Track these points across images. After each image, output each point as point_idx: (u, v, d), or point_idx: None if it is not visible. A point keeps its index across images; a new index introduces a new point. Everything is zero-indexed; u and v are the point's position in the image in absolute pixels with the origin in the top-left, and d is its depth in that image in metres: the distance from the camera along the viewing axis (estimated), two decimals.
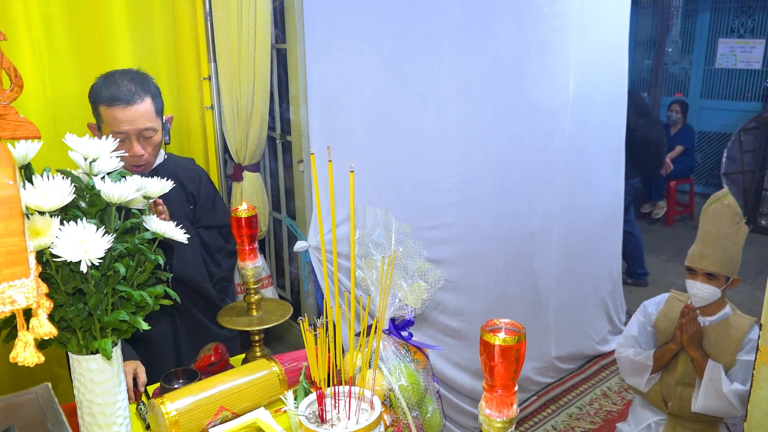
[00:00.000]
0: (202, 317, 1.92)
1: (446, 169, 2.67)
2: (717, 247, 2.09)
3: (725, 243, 2.09)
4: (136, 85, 1.71)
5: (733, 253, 2.10)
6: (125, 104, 1.67)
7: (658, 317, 2.31)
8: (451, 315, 2.81)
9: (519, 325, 0.98)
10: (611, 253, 3.72)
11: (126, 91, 1.68)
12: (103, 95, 1.69)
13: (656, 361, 2.23)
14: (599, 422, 3.14)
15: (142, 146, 1.73)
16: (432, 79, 2.54)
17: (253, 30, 2.31)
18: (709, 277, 2.12)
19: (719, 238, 2.09)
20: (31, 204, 0.96)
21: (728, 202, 2.11)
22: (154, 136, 1.76)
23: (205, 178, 1.97)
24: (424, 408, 1.36)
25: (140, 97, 1.70)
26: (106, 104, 1.68)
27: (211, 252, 1.88)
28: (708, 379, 2.09)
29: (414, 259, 1.37)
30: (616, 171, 3.61)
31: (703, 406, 2.10)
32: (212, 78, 2.43)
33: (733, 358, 2.11)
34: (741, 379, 2.07)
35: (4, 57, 0.70)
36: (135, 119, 1.69)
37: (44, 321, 0.73)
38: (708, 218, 2.14)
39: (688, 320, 2.15)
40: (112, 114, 1.68)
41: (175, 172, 1.88)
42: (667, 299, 2.34)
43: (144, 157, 1.75)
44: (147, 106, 1.71)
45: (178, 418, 1.29)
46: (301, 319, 1.09)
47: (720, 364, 2.10)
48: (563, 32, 2.98)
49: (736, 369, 2.11)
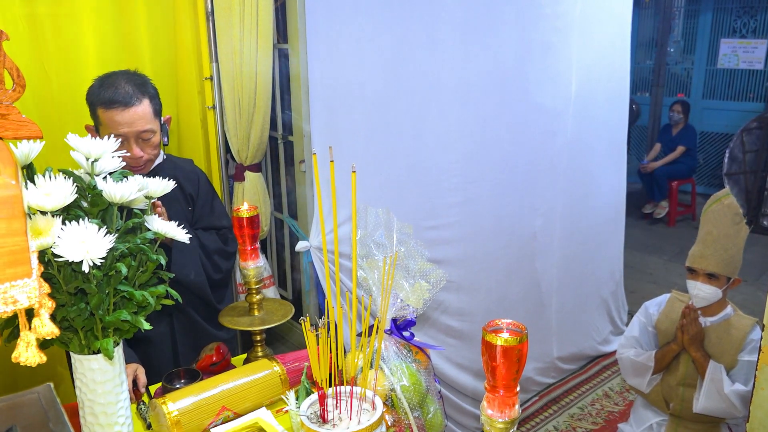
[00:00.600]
0: (199, 318, 1.91)
1: (448, 170, 2.67)
2: (718, 248, 2.09)
3: (726, 243, 2.09)
4: (134, 87, 1.69)
5: (734, 253, 2.09)
6: (123, 107, 1.65)
7: (660, 318, 2.30)
8: (452, 315, 2.81)
9: (521, 325, 0.98)
10: (613, 253, 3.71)
11: (124, 93, 1.66)
12: (100, 97, 1.67)
13: (657, 361, 2.23)
14: (601, 423, 3.14)
15: (141, 148, 1.72)
16: (434, 79, 2.54)
17: (255, 30, 2.31)
18: (710, 278, 2.11)
19: (720, 238, 2.09)
20: (33, 204, 0.96)
21: (729, 202, 2.11)
22: (153, 138, 1.75)
23: (203, 180, 1.96)
24: (426, 408, 1.36)
25: (138, 99, 1.68)
26: (104, 107, 1.66)
27: (209, 253, 1.88)
28: (709, 379, 2.09)
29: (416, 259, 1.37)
30: (617, 171, 3.61)
31: (705, 406, 2.10)
32: (214, 78, 2.43)
33: (734, 358, 2.11)
34: (743, 380, 2.07)
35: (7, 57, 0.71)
36: (133, 121, 1.67)
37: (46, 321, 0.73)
38: (708, 218, 2.13)
39: (689, 321, 2.14)
40: (110, 116, 1.66)
41: (173, 173, 1.87)
42: (668, 300, 2.33)
43: (143, 158, 1.74)
44: (145, 108, 1.70)
45: (180, 418, 1.29)
46: (303, 319, 1.09)
47: (721, 365, 2.10)
48: (565, 32, 2.98)
49: (738, 369, 2.10)
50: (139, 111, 1.68)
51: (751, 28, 6.69)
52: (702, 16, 7.08)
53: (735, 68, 6.81)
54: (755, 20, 6.65)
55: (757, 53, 6.64)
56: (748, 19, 6.71)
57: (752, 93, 6.77)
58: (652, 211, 6.30)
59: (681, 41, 7.35)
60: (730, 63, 6.84)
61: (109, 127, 1.67)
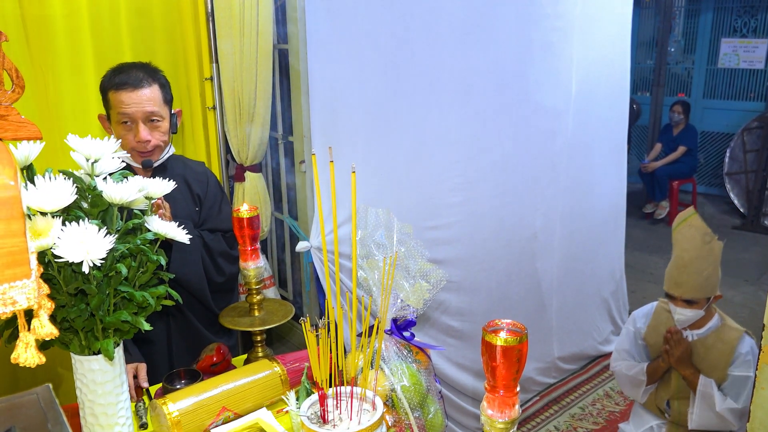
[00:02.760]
0: (196, 321, 1.89)
1: (448, 170, 2.67)
2: (691, 272, 2.04)
3: (699, 266, 2.03)
4: (145, 73, 1.75)
5: (710, 273, 2.04)
6: (133, 88, 1.70)
7: (647, 331, 2.27)
8: (453, 315, 2.81)
9: (521, 325, 0.98)
10: (613, 253, 3.71)
11: (135, 76, 1.72)
12: (112, 81, 1.72)
13: (649, 375, 2.21)
14: (602, 423, 3.14)
15: (149, 132, 1.75)
16: (434, 79, 2.54)
17: (255, 30, 2.31)
18: (689, 303, 2.07)
19: (693, 261, 2.04)
20: (33, 205, 0.96)
21: (696, 223, 2.05)
22: (161, 124, 1.77)
23: (213, 182, 1.97)
24: (426, 408, 1.36)
25: (148, 82, 1.73)
26: (114, 88, 1.71)
27: (213, 255, 1.87)
28: (701, 396, 2.06)
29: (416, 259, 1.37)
30: (618, 171, 3.61)
31: (699, 423, 2.08)
32: (214, 78, 2.43)
33: (724, 372, 2.07)
34: (734, 395, 2.04)
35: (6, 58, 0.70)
36: (142, 102, 1.71)
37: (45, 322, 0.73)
38: (678, 240, 2.09)
39: (674, 344, 2.11)
40: (119, 98, 1.70)
41: (182, 172, 1.89)
42: (654, 310, 2.29)
43: (150, 143, 1.75)
44: (155, 92, 1.74)
45: (180, 418, 1.29)
46: (303, 319, 1.09)
47: (712, 380, 2.06)
48: (566, 32, 2.97)
49: (729, 384, 2.06)
50: (148, 93, 1.72)
51: (751, 28, 6.68)
52: (702, 16, 7.08)
53: (735, 68, 6.81)
54: (756, 20, 6.65)
55: (757, 53, 6.64)
56: (748, 18, 6.70)
57: (753, 92, 6.77)
58: (653, 210, 6.30)
59: (681, 41, 7.35)
60: (730, 62, 6.84)
61: (118, 107, 1.71)
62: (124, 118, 1.71)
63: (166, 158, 1.84)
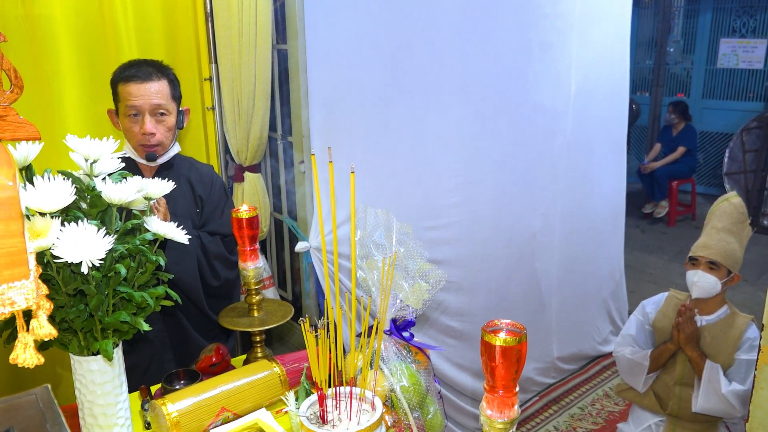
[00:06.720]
0: (187, 324, 1.87)
1: (447, 170, 2.67)
2: (721, 239, 2.12)
3: (729, 237, 2.11)
4: (155, 68, 1.78)
5: (736, 248, 2.11)
6: (141, 80, 1.73)
7: (657, 316, 2.30)
8: (452, 315, 2.81)
9: (520, 325, 0.98)
10: (613, 253, 3.71)
11: (144, 71, 1.75)
12: (122, 75, 1.75)
13: (653, 360, 2.23)
14: (601, 423, 3.14)
15: (155, 125, 1.76)
16: (433, 80, 2.54)
17: (254, 31, 2.31)
18: (711, 268, 2.12)
19: (723, 230, 2.12)
20: (32, 205, 0.96)
21: (737, 201, 2.15)
22: (167, 119, 1.78)
23: (218, 186, 1.96)
24: (426, 409, 1.36)
25: (157, 77, 1.76)
26: (123, 81, 1.74)
27: (210, 257, 1.85)
28: (706, 379, 2.09)
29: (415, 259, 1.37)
30: (617, 171, 3.61)
31: (703, 407, 2.10)
32: (213, 79, 2.43)
33: (731, 357, 2.10)
34: (740, 379, 2.07)
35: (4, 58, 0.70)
36: (149, 94, 1.73)
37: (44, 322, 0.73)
38: (715, 215, 2.17)
39: (685, 319, 2.14)
40: (127, 90, 1.73)
41: (187, 172, 1.89)
42: (666, 298, 2.33)
43: (156, 137, 1.76)
44: (162, 86, 1.76)
45: (180, 419, 1.29)
46: (302, 319, 1.09)
47: (718, 364, 2.09)
48: (565, 32, 2.98)
49: (735, 368, 2.10)
50: (156, 86, 1.75)
51: (750, 28, 6.69)
52: (702, 16, 7.08)
53: (735, 68, 6.82)
54: (755, 20, 6.65)
55: (756, 53, 6.64)
56: (747, 18, 6.71)
57: (752, 92, 6.77)
58: (652, 210, 6.30)
59: (681, 41, 7.36)
60: (729, 63, 6.84)
61: (125, 100, 1.74)
62: (131, 110, 1.74)
63: (173, 156, 1.84)
